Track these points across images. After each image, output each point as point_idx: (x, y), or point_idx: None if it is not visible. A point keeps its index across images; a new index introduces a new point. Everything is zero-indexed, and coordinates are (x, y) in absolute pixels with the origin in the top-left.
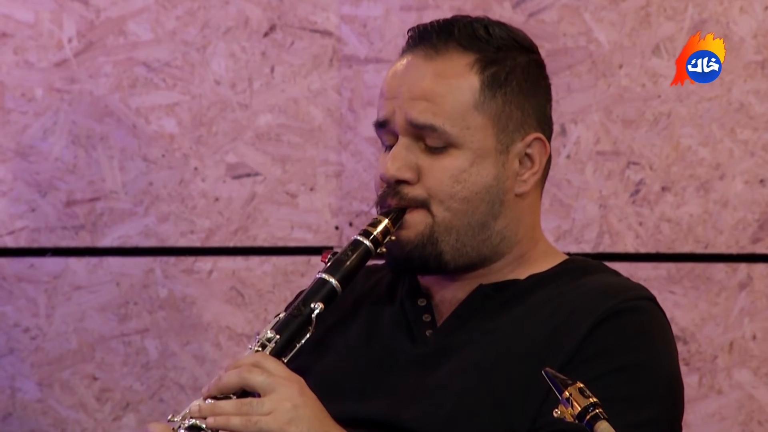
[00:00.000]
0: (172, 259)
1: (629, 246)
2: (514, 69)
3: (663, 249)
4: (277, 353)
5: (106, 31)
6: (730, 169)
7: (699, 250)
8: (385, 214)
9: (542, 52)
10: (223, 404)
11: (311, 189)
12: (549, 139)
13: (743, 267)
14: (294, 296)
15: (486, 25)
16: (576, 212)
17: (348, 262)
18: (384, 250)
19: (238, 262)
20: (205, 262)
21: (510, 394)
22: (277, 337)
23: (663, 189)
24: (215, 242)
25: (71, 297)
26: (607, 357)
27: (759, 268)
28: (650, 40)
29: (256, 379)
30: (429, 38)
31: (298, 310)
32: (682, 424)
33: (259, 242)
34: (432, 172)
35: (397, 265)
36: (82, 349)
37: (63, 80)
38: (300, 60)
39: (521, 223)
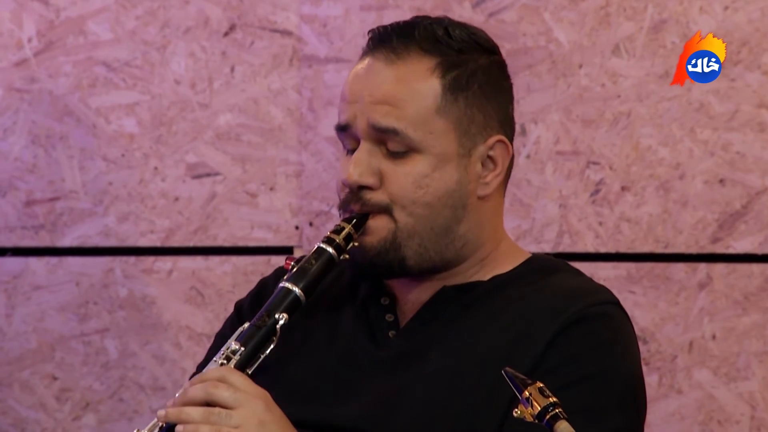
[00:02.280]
0: (131, 259)
1: (589, 246)
2: (475, 72)
3: (623, 249)
4: (242, 365)
5: (66, 30)
6: (690, 168)
7: (659, 249)
8: (348, 221)
9: (502, 52)
10: (190, 410)
11: (271, 189)
12: (511, 140)
13: (703, 267)
14: (255, 285)
15: (446, 27)
16: (536, 212)
17: (311, 271)
18: (347, 256)
19: (198, 261)
20: (165, 262)
21: (474, 400)
22: (242, 349)
23: (623, 189)
24: (175, 242)
25: (31, 297)
26: (571, 366)
27: (718, 267)
28: (610, 39)
29: (222, 394)
30: (389, 41)
31: (262, 320)
32: (644, 427)
33: (219, 242)
34: (394, 177)
35: (360, 270)
36: (42, 348)
37: (23, 80)
38: (260, 60)
39: (484, 226)
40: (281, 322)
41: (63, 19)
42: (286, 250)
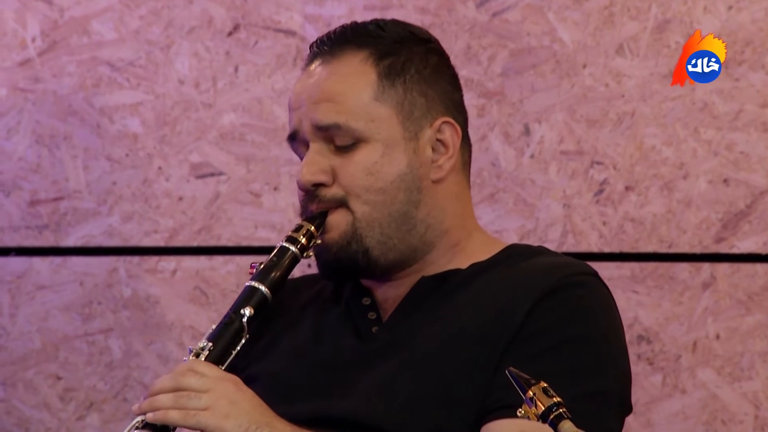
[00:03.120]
0: (135, 259)
1: (593, 245)
2: (411, 57)
3: (626, 248)
4: (213, 361)
5: (70, 30)
6: (694, 168)
7: (662, 249)
8: (309, 220)
9: (506, 52)
10: (161, 397)
11: (275, 188)
12: (463, 126)
13: (707, 266)
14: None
15: (379, 23)
16: (540, 212)
17: (274, 268)
18: (311, 254)
19: (202, 261)
20: (169, 262)
21: (459, 381)
22: (210, 344)
23: (627, 188)
24: (179, 242)
25: (35, 296)
26: (551, 331)
27: (722, 267)
28: (614, 39)
29: (190, 381)
30: (324, 45)
31: (229, 318)
32: (646, 422)
33: (223, 242)
34: (345, 170)
35: (327, 269)
36: (46, 348)
37: (27, 80)
38: (264, 59)
39: (445, 211)
40: (247, 315)
41: (67, 19)
42: None
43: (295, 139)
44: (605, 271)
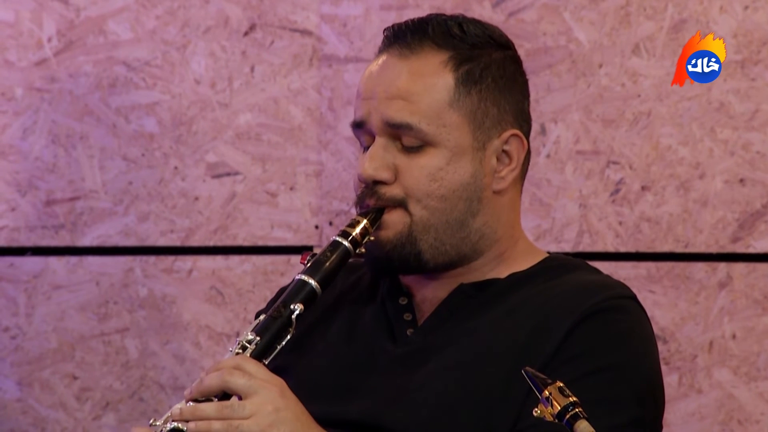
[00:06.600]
0: (152, 259)
1: (609, 245)
2: (489, 66)
3: (643, 248)
4: (258, 355)
5: (86, 30)
6: (710, 168)
7: (679, 249)
8: (364, 215)
9: (522, 52)
10: (204, 407)
11: (291, 188)
12: (527, 135)
13: (723, 266)
14: (274, 293)
15: (460, 22)
16: (556, 211)
17: (327, 264)
18: (363, 250)
19: (218, 261)
20: (185, 262)
21: (491, 395)
22: (258, 339)
23: (643, 188)
24: (195, 241)
25: (51, 296)
26: (587, 358)
27: (738, 267)
28: (630, 39)
29: (237, 381)
30: (403, 37)
31: (278, 311)
32: (662, 423)
33: (239, 241)
34: (409, 172)
35: (377, 265)
36: (62, 348)
37: (43, 79)
38: (280, 59)
39: (500, 221)
40: (297, 312)
41: (83, 19)
42: (306, 250)
43: (360, 127)
44: (621, 270)
